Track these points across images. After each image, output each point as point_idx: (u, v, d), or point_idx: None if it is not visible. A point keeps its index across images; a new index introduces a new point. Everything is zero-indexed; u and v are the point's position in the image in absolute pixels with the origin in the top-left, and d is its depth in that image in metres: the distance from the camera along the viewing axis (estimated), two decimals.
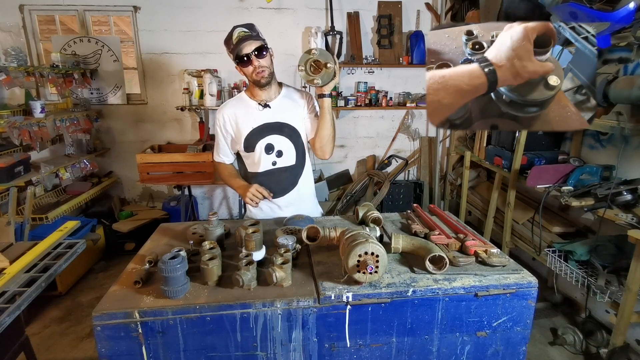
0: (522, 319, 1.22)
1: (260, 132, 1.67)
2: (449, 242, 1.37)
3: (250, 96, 1.70)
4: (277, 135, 1.68)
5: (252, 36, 1.52)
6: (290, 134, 1.70)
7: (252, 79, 1.61)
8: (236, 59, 1.55)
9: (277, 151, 1.70)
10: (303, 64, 1.52)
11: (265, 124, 1.67)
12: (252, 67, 1.56)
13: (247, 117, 1.68)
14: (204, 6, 3.53)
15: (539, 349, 2.29)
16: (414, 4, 3.76)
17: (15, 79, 2.78)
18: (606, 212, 1.91)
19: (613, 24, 1.79)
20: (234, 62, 1.58)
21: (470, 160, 3.34)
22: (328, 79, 1.53)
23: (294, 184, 1.76)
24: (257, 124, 1.67)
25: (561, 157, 2.55)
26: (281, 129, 1.68)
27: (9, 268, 1.40)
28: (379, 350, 1.19)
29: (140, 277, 1.18)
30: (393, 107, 3.84)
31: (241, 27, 1.53)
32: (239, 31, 1.52)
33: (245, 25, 1.54)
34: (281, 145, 1.70)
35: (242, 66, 1.58)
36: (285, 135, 1.69)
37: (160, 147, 3.66)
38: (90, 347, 2.33)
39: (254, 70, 1.57)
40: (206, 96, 3.45)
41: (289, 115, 1.69)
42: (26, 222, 2.60)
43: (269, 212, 1.78)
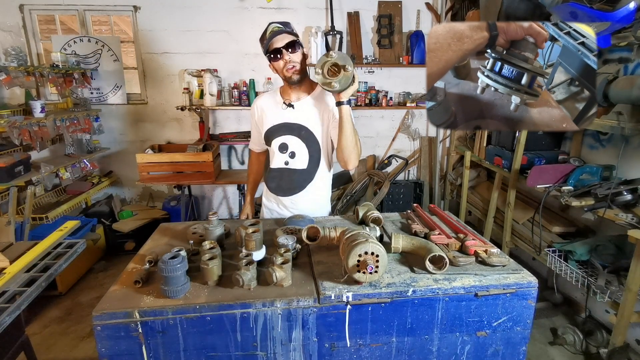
0: (522, 318, 1.22)
1: (278, 130, 1.69)
2: (449, 242, 1.37)
3: (282, 93, 1.71)
4: (293, 136, 1.67)
5: (284, 31, 1.51)
6: (307, 137, 1.67)
7: (282, 75, 1.59)
8: (267, 53, 1.55)
9: (291, 152, 1.69)
10: (320, 67, 1.44)
11: (285, 123, 1.68)
12: (283, 61, 1.55)
13: (271, 113, 1.70)
14: (204, 6, 3.53)
15: (539, 349, 2.29)
16: (414, 4, 3.76)
17: (15, 78, 2.78)
18: (606, 212, 1.91)
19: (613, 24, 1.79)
20: (266, 56, 1.57)
21: (471, 160, 3.34)
22: (346, 84, 1.45)
23: (301, 188, 1.74)
24: (277, 122, 1.69)
25: (561, 157, 2.55)
26: (298, 131, 1.67)
27: (9, 268, 1.40)
28: (379, 350, 1.19)
29: (140, 276, 1.18)
30: (393, 106, 3.84)
31: (275, 23, 1.54)
32: (273, 26, 1.52)
33: (280, 22, 1.54)
34: (295, 147, 1.68)
35: (273, 61, 1.56)
36: (302, 138, 1.67)
37: (160, 147, 3.66)
38: (90, 347, 2.33)
39: (285, 66, 1.56)
40: (206, 96, 3.45)
41: (310, 118, 1.66)
42: (26, 222, 2.60)
43: (276, 208, 1.81)
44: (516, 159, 2.57)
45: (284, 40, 1.51)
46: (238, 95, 3.58)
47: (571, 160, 2.44)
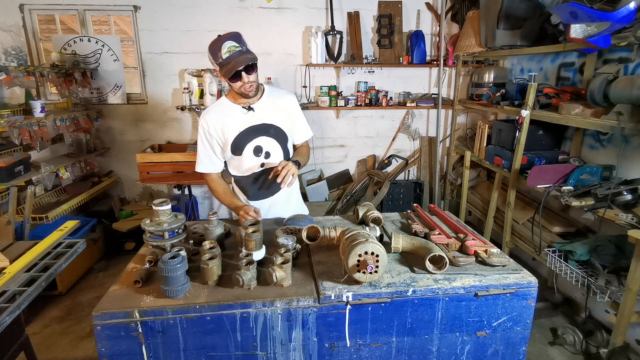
0: (522, 318, 1.22)
1: (247, 135, 1.67)
2: (449, 242, 1.37)
3: (233, 100, 1.68)
4: (264, 136, 1.69)
5: (242, 51, 1.48)
6: (277, 134, 1.71)
7: (239, 91, 1.59)
8: (225, 75, 1.50)
9: (266, 152, 1.71)
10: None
11: (251, 126, 1.67)
12: (241, 82, 1.54)
13: (232, 121, 1.66)
14: (204, 6, 3.53)
15: (539, 349, 2.29)
16: (414, 4, 3.76)
17: (15, 78, 2.77)
18: (606, 212, 1.91)
19: (613, 23, 1.79)
20: (221, 74, 1.53)
21: (471, 160, 3.34)
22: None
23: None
24: (243, 127, 1.66)
25: (561, 157, 2.55)
26: (267, 130, 1.69)
27: (9, 267, 1.40)
28: (379, 350, 1.19)
29: (140, 276, 1.18)
30: (393, 106, 3.83)
31: (230, 40, 1.48)
32: (229, 45, 1.47)
33: (233, 37, 1.49)
34: (269, 147, 1.71)
35: (232, 81, 1.54)
36: (272, 136, 1.70)
37: (160, 147, 3.66)
38: (90, 347, 2.33)
39: (242, 85, 1.55)
40: (206, 96, 3.45)
41: (273, 117, 1.69)
42: (26, 222, 2.60)
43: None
44: (516, 159, 2.57)
45: (243, 63, 1.47)
46: None
47: (571, 160, 2.44)
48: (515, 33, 2.77)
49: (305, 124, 1.85)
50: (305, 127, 1.86)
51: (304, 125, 1.84)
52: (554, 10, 2.08)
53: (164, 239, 1.28)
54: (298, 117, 1.80)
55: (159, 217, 1.29)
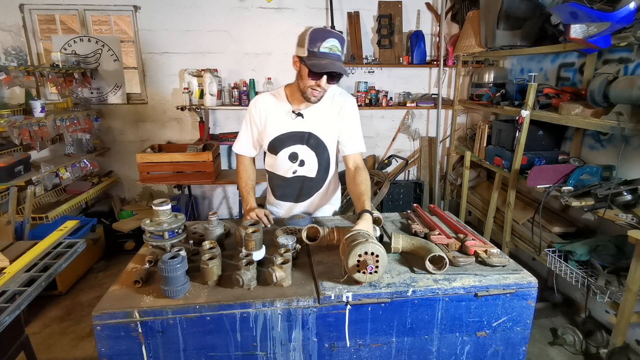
0: (522, 319, 1.22)
1: (287, 139, 1.61)
2: (449, 242, 1.37)
3: (289, 95, 1.60)
4: (302, 145, 1.62)
5: (340, 58, 1.39)
6: (316, 146, 1.63)
7: (304, 90, 1.47)
8: (311, 66, 1.38)
9: (301, 160, 1.66)
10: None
11: (293, 132, 1.60)
12: (316, 84, 1.43)
13: (277, 120, 1.60)
14: (204, 6, 3.53)
15: (539, 349, 2.29)
16: (414, 4, 3.76)
17: (15, 78, 2.77)
18: (606, 212, 1.91)
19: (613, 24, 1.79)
20: (303, 63, 1.41)
21: (470, 160, 3.34)
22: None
23: (309, 195, 1.74)
24: (286, 131, 1.60)
25: (561, 157, 2.55)
26: (307, 139, 1.61)
27: (9, 267, 1.40)
28: (379, 350, 1.19)
29: (140, 276, 1.18)
30: (393, 107, 3.83)
31: (336, 39, 1.36)
32: (333, 44, 1.36)
33: (339, 39, 1.38)
34: (304, 155, 1.65)
35: (311, 77, 1.41)
36: (310, 146, 1.63)
37: (160, 147, 3.65)
38: (90, 347, 2.33)
39: (314, 88, 1.44)
40: (206, 96, 3.45)
41: (319, 126, 1.60)
42: (26, 222, 2.60)
43: (276, 212, 1.82)
44: (516, 159, 2.57)
45: (337, 68, 1.36)
46: (238, 95, 3.58)
47: (571, 161, 2.44)
48: (515, 33, 2.77)
49: (357, 134, 1.65)
50: (356, 137, 1.64)
51: (355, 134, 1.64)
52: (554, 10, 2.08)
53: (164, 239, 1.27)
54: (349, 125, 1.63)
55: (159, 217, 1.29)
